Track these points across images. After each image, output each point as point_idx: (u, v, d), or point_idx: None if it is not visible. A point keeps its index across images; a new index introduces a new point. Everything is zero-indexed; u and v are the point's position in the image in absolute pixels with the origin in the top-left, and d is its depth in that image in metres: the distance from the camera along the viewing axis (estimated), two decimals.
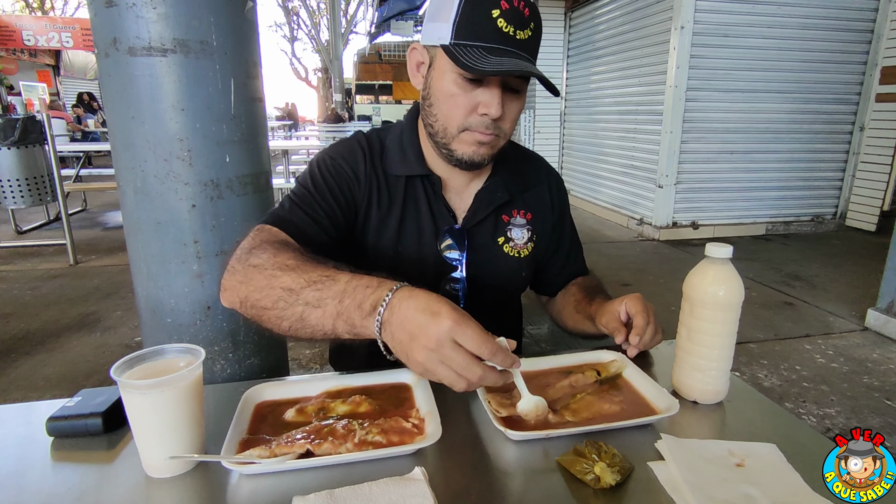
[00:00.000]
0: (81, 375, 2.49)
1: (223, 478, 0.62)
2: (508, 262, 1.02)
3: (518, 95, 0.87)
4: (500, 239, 1.01)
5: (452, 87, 0.83)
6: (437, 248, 0.96)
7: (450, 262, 0.97)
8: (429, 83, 0.88)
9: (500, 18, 0.77)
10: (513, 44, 0.79)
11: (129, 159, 1.29)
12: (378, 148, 0.98)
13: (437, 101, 0.87)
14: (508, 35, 0.78)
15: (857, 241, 4.95)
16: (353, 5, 22.18)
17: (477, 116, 0.84)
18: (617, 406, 0.75)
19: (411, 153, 0.96)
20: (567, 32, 6.91)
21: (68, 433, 0.70)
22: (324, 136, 7.67)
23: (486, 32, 0.78)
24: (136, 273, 1.40)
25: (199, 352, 0.65)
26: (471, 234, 0.98)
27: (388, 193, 0.96)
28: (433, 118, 0.88)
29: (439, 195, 0.96)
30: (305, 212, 0.88)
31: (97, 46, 1.26)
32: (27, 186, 4.08)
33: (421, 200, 0.97)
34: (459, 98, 0.83)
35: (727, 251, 0.74)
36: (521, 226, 1.03)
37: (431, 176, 0.96)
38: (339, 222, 0.92)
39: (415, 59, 0.91)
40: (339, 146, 0.99)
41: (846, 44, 4.93)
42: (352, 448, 0.64)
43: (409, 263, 0.97)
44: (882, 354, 2.74)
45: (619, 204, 5.95)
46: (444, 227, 0.97)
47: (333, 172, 0.94)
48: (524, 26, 0.79)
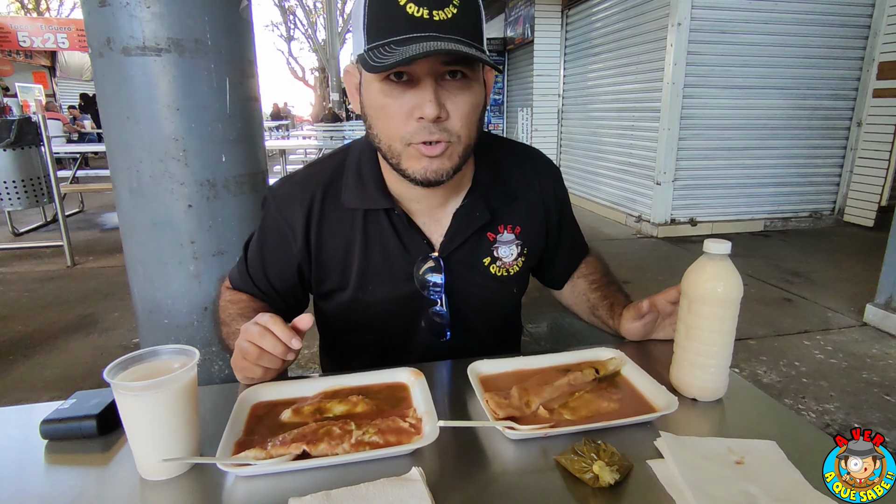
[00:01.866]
0: (79, 377, 2.49)
1: (219, 480, 0.62)
2: (497, 283, 0.93)
3: (463, 86, 0.73)
4: (485, 260, 0.91)
5: (380, 98, 0.73)
6: (416, 276, 0.87)
7: (429, 297, 0.89)
8: (362, 102, 0.78)
9: (409, 4, 0.67)
10: (430, 27, 0.68)
11: (124, 159, 1.29)
12: (329, 180, 0.88)
13: (372, 118, 0.77)
14: (422, 19, 0.67)
15: (855, 237, 4.96)
16: (350, 4, 22.15)
17: (415, 122, 0.72)
18: (615, 404, 0.75)
19: (371, 182, 0.86)
20: (564, 30, 6.90)
21: (62, 436, 0.70)
22: (321, 135, 7.67)
23: (396, 24, 0.68)
24: (133, 274, 1.40)
25: (193, 353, 0.64)
26: (451, 260, 0.88)
27: (344, 229, 0.87)
28: (377, 139, 0.78)
29: (408, 223, 0.86)
30: (251, 276, 0.94)
31: (91, 46, 1.25)
32: (24, 188, 4.07)
33: (387, 234, 0.86)
34: (391, 107, 0.73)
35: (725, 247, 0.74)
36: (509, 242, 0.92)
37: (394, 208, 0.85)
38: (284, 279, 0.93)
39: (351, 83, 0.81)
40: (281, 193, 0.90)
41: (843, 39, 4.93)
42: (348, 448, 0.64)
43: (380, 303, 0.90)
44: (881, 350, 2.74)
45: (617, 201, 5.95)
46: (419, 256, 0.87)
47: (273, 232, 0.91)
48: (442, 5, 0.68)
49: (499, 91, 8.51)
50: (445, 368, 0.89)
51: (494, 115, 8.61)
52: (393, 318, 0.81)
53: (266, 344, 0.70)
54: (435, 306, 0.90)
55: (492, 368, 0.83)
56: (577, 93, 6.77)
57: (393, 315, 0.90)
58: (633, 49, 5.37)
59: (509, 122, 8.52)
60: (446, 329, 0.92)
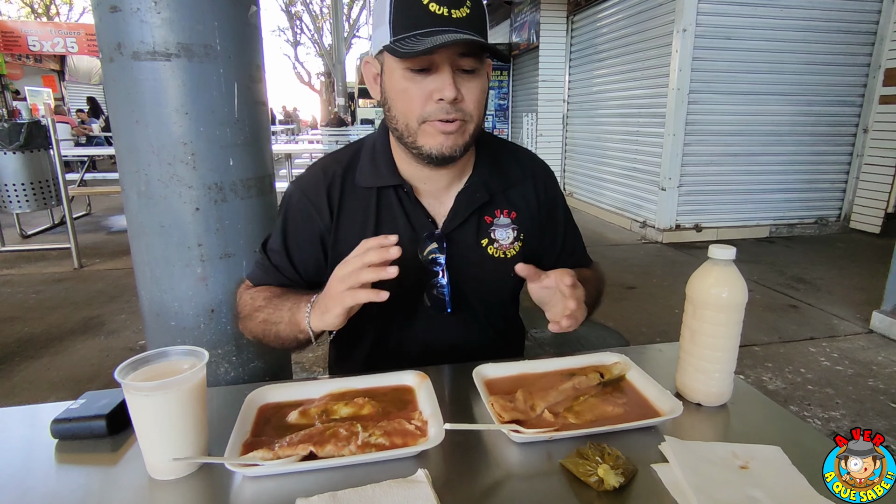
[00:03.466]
0: (85, 379, 2.50)
1: (226, 480, 0.62)
2: (494, 264, 0.99)
3: (474, 75, 0.85)
4: (483, 241, 0.99)
5: (403, 82, 0.84)
6: (421, 255, 0.95)
7: (432, 269, 0.96)
8: (384, 88, 0.88)
9: (432, 3, 0.79)
10: (450, 23, 0.79)
11: (133, 163, 1.30)
12: (347, 164, 0.98)
13: (393, 101, 0.87)
14: (443, 16, 0.79)
15: (861, 244, 4.93)
16: (356, 9, 22.27)
17: (433, 104, 0.83)
18: (620, 408, 0.75)
19: (383, 164, 0.96)
20: (569, 36, 6.92)
21: (72, 435, 0.70)
22: (327, 139, 7.71)
23: (420, 19, 0.79)
24: (140, 276, 1.41)
25: (202, 354, 0.65)
26: (452, 238, 0.97)
27: (360, 208, 0.96)
28: (394, 120, 0.88)
29: (415, 202, 0.95)
30: (275, 265, 0.98)
31: (102, 51, 1.26)
32: (32, 191, 4.11)
33: (396, 210, 0.96)
34: (412, 90, 0.83)
35: (730, 253, 0.74)
36: (505, 226, 1.01)
37: (404, 185, 0.95)
38: (306, 264, 0.98)
39: (370, 72, 0.92)
40: (304, 177, 1.00)
41: (849, 46, 4.92)
42: (355, 450, 0.64)
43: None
44: (887, 357, 2.72)
45: (621, 207, 5.94)
46: (424, 233, 0.95)
47: (297, 217, 0.97)
48: (459, 5, 0.80)
49: (504, 96, 8.52)
50: (451, 371, 0.89)
51: (499, 120, 8.62)
52: (401, 291, 0.84)
53: (368, 257, 0.75)
54: (436, 277, 0.96)
55: (497, 372, 0.84)
56: (582, 98, 6.77)
57: (400, 287, 0.93)
58: (638, 55, 5.37)
59: (514, 128, 8.52)
60: (447, 303, 0.97)
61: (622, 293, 1.07)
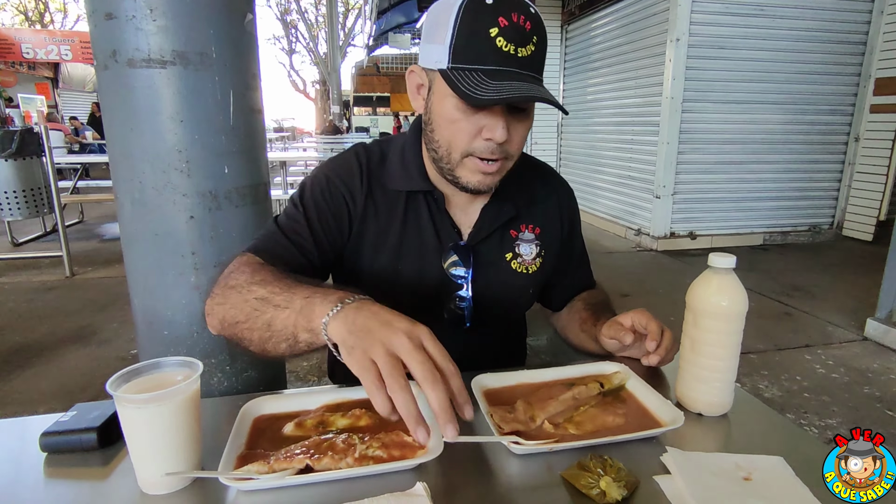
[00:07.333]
0: (77, 389, 2.47)
1: (221, 494, 0.61)
2: (517, 279, 0.98)
3: (524, 115, 0.83)
4: (507, 255, 0.98)
5: (454, 113, 0.79)
6: (442, 265, 0.93)
7: (454, 281, 0.94)
8: (429, 107, 0.84)
9: (500, 37, 0.73)
10: (514, 63, 0.75)
11: (127, 171, 1.29)
12: (378, 160, 0.95)
13: (438, 126, 0.83)
14: (509, 54, 0.74)
15: (854, 251, 4.97)
16: (351, 18, 22.41)
17: (481, 141, 0.80)
18: (621, 419, 0.74)
19: (413, 168, 0.93)
20: (563, 45, 6.97)
21: (62, 448, 0.69)
22: (322, 147, 7.71)
23: (485, 54, 0.74)
24: (133, 285, 1.39)
25: (196, 365, 0.64)
26: (477, 251, 0.95)
27: (386, 209, 0.93)
28: (436, 143, 0.85)
29: (443, 211, 0.93)
30: (290, 238, 0.87)
31: (96, 59, 1.26)
32: (24, 198, 4.08)
33: (423, 216, 0.93)
34: (462, 123, 0.80)
35: (730, 261, 0.74)
36: (529, 241, 1.00)
37: (434, 192, 0.93)
38: (325, 248, 0.90)
39: (414, 82, 0.88)
40: (336, 161, 0.96)
41: (840, 56, 4.99)
42: (352, 463, 0.63)
43: (409, 281, 0.93)
44: (882, 364, 2.73)
45: (616, 214, 5.96)
46: (448, 243, 0.93)
47: (326, 195, 0.91)
48: (525, 42, 0.75)
49: None
50: None
51: None
52: (417, 300, 0.82)
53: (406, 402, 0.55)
54: (460, 290, 0.94)
55: (496, 382, 0.83)
56: (576, 107, 6.81)
57: (417, 297, 0.93)
58: (632, 64, 5.42)
59: None
60: (466, 317, 0.95)
61: (617, 301, 1.06)
